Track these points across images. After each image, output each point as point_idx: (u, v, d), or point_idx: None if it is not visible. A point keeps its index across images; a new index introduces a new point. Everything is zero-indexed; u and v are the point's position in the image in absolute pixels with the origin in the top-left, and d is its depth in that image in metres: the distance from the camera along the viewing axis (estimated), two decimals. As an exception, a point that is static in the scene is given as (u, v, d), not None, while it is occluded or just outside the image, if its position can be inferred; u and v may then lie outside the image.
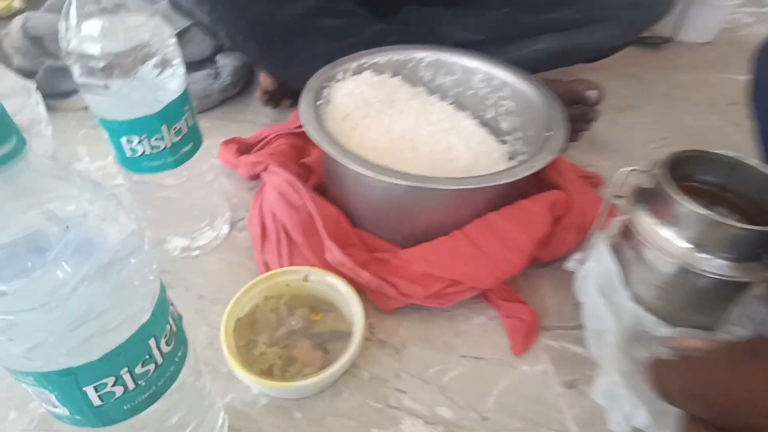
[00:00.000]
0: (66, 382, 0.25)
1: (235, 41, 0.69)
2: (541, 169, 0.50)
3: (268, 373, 0.44)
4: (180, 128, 0.47)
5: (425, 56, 0.67)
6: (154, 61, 0.42)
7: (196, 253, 0.58)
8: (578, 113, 0.69)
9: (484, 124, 0.66)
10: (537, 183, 0.58)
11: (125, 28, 0.40)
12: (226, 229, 0.60)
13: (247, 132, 0.75)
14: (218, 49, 0.85)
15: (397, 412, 0.45)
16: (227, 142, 0.70)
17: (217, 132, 0.77)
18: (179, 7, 0.71)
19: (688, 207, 0.39)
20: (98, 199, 0.24)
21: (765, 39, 0.58)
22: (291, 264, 0.53)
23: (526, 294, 0.54)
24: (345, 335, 0.47)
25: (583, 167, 0.69)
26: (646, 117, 0.87)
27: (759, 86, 0.58)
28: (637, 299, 0.44)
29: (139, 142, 0.45)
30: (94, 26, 0.39)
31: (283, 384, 0.43)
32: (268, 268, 0.54)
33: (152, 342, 0.28)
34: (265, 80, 0.79)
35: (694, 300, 0.42)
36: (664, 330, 0.43)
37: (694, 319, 0.43)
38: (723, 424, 0.26)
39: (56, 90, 0.82)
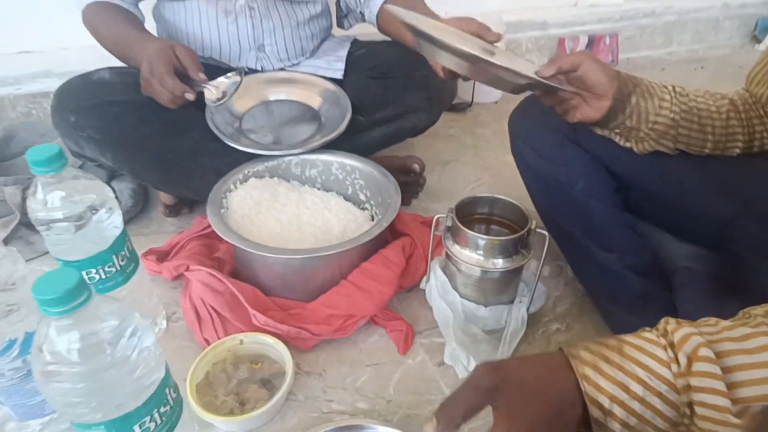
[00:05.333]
0: (124, 423, 0.41)
1: (136, 174, 0.86)
2: (389, 226, 0.74)
3: (230, 414, 0.60)
4: (125, 254, 0.63)
5: (292, 159, 0.89)
6: (102, 210, 0.58)
7: (144, 348, 0.71)
8: (411, 181, 0.96)
9: (348, 198, 0.89)
10: (393, 234, 0.83)
11: (78, 192, 0.56)
12: (164, 323, 0.75)
13: (157, 242, 0.90)
14: (112, 176, 0.99)
15: (329, 415, 0.63)
16: (145, 254, 0.85)
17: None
18: (81, 156, 0.86)
19: (470, 234, 0.64)
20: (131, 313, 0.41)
21: (515, 108, 0.86)
22: (226, 335, 0.70)
23: (403, 312, 0.77)
24: (281, 374, 0.65)
25: (423, 215, 0.95)
26: (463, 165, 1.18)
27: (515, 147, 0.85)
28: (462, 295, 0.68)
29: (96, 272, 0.60)
30: (56, 197, 0.55)
31: (243, 416, 0.59)
32: (208, 343, 0.70)
33: (167, 390, 0.44)
34: (164, 197, 0.95)
35: (495, 287, 0.68)
36: (483, 310, 0.68)
37: (499, 299, 0.69)
38: None
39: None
